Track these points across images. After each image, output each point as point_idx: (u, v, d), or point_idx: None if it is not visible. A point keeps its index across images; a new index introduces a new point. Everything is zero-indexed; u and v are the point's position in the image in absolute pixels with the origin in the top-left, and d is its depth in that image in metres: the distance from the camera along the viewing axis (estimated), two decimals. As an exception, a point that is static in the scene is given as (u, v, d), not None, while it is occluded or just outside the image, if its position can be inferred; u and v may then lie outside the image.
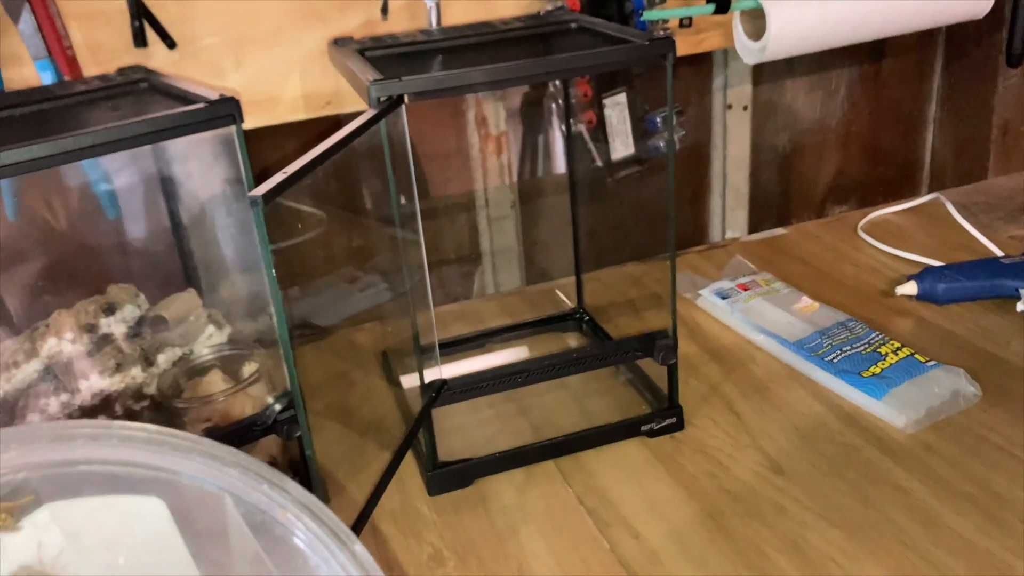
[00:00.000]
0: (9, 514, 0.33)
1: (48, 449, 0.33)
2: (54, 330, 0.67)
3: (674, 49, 0.66)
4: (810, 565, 0.63)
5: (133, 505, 0.35)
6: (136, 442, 0.34)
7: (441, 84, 0.62)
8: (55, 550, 0.34)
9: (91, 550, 0.35)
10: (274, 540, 0.35)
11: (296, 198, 0.97)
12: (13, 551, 0.33)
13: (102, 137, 0.57)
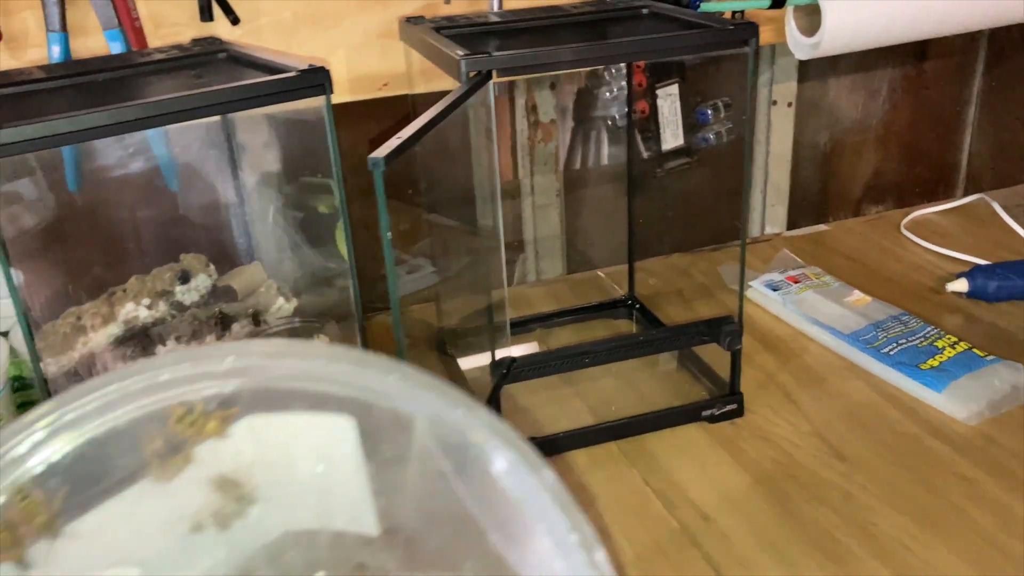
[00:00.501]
0: (221, 422, 0.35)
1: (259, 364, 0.34)
2: (131, 295, 0.67)
3: (757, 34, 0.66)
4: (882, 550, 0.63)
5: (326, 423, 0.36)
6: (342, 362, 0.35)
7: (532, 60, 0.63)
8: (248, 460, 0.36)
9: (279, 463, 0.37)
10: (466, 463, 0.36)
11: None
12: (213, 458, 0.35)
13: (198, 101, 0.57)
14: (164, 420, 0.34)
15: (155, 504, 0.35)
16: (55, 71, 0.69)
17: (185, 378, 0.34)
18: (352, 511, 0.38)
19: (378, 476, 0.37)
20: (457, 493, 0.37)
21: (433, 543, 0.38)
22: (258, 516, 0.36)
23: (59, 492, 0.32)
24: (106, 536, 0.34)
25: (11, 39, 0.81)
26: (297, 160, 0.83)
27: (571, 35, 0.75)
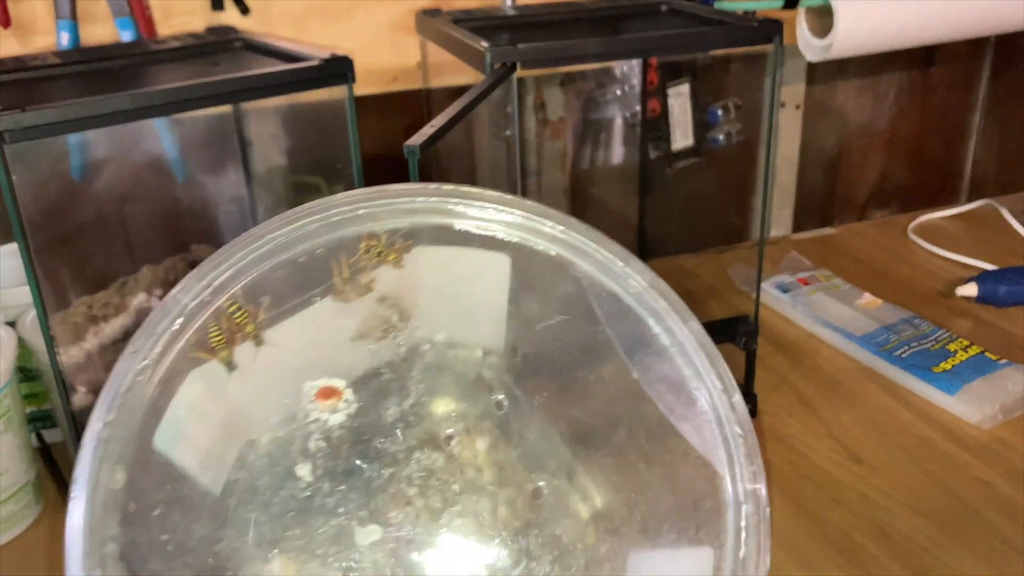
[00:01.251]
0: (399, 253, 0.40)
1: (438, 205, 0.40)
2: (143, 285, 0.66)
3: (782, 31, 0.66)
4: (901, 552, 0.63)
5: (486, 258, 0.41)
6: (513, 209, 0.40)
7: (557, 53, 0.62)
8: (412, 283, 0.41)
9: (437, 286, 0.42)
10: (619, 312, 0.41)
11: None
12: (386, 280, 0.40)
13: (221, 88, 0.57)
14: (354, 248, 0.39)
15: (333, 318, 0.40)
16: (71, 57, 0.69)
17: (374, 214, 0.39)
18: (488, 331, 0.42)
19: (518, 306, 0.42)
20: (607, 333, 0.41)
21: (556, 365, 0.43)
22: (409, 329, 0.41)
23: (263, 306, 0.37)
24: (294, 344, 0.39)
25: (19, 26, 0.80)
26: (308, 152, 0.82)
27: (590, 30, 0.75)
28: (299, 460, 0.38)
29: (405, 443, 0.40)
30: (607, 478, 0.42)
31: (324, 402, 0.39)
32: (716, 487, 0.42)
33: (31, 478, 0.68)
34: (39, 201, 0.62)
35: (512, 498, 0.40)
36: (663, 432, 0.42)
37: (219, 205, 0.79)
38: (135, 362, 0.34)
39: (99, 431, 0.33)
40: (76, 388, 0.63)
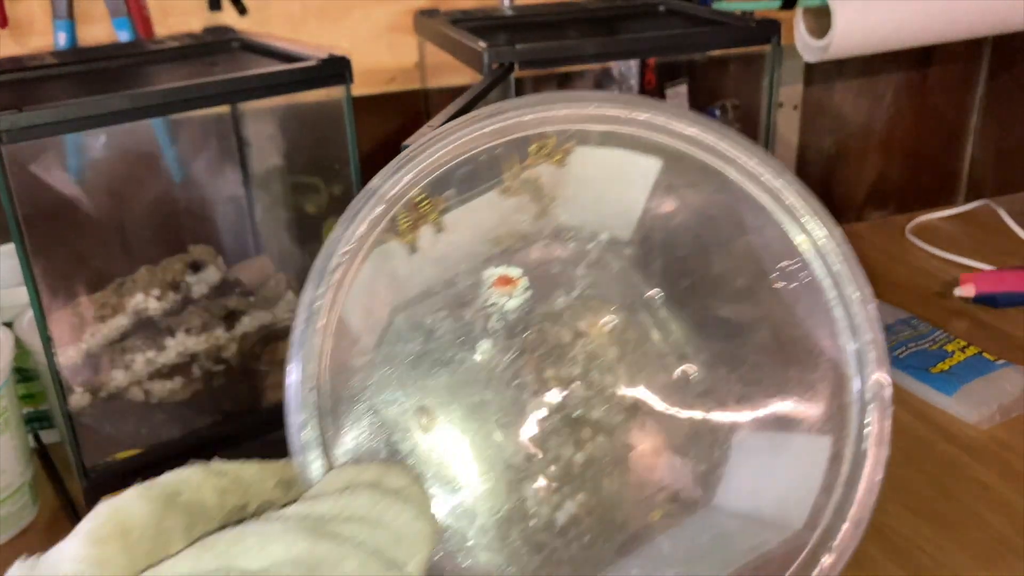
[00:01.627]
0: (566, 153, 0.42)
1: (605, 111, 0.42)
2: (141, 286, 0.66)
3: (780, 31, 0.66)
4: (898, 552, 0.63)
5: (636, 160, 0.44)
6: (666, 114, 0.42)
7: (555, 53, 0.62)
8: (567, 182, 0.44)
9: (587, 184, 0.44)
10: (766, 222, 0.44)
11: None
12: (546, 177, 0.43)
13: (218, 88, 0.57)
14: (525, 147, 0.41)
15: (494, 208, 0.43)
16: (68, 57, 0.68)
17: (547, 117, 0.41)
18: (622, 220, 0.46)
19: (655, 202, 0.45)
20: (748, 240, 0.44)
21: (695, 266, 0.46)
22: (554, 216, 0.45)
23: (444, 196, 0.40)
24: (471, 233, 0.43)
25: (16, 26, 0.80)
26: (306, 153, 0.82)
27: (588, 30, 0.75)
28: (480, 338, 0.43)
29: (571, 330, 0.44)
30: (736, 368, 0.46)
31: (502, 288, 0.43)
32: (843, 387, 0.44)
33: (28, 479, 0.67)
34: (36, 201, 0.62)
35: (663, 382, 0.46)
36: (795, 334, 0.45)
37: (217, 205, 0.79)
38: (339, 244, 0.37)
39: (310, 303, 0.36)
40: (73, 389, 0.63)
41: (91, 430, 0.63)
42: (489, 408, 0.43)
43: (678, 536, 0.45)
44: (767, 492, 0.45)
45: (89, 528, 0.31)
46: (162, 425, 0.66)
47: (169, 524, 0.32)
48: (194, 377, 0.68)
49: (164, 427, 0.66)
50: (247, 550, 0.30)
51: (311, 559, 0.30)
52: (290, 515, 0.32)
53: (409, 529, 0.32)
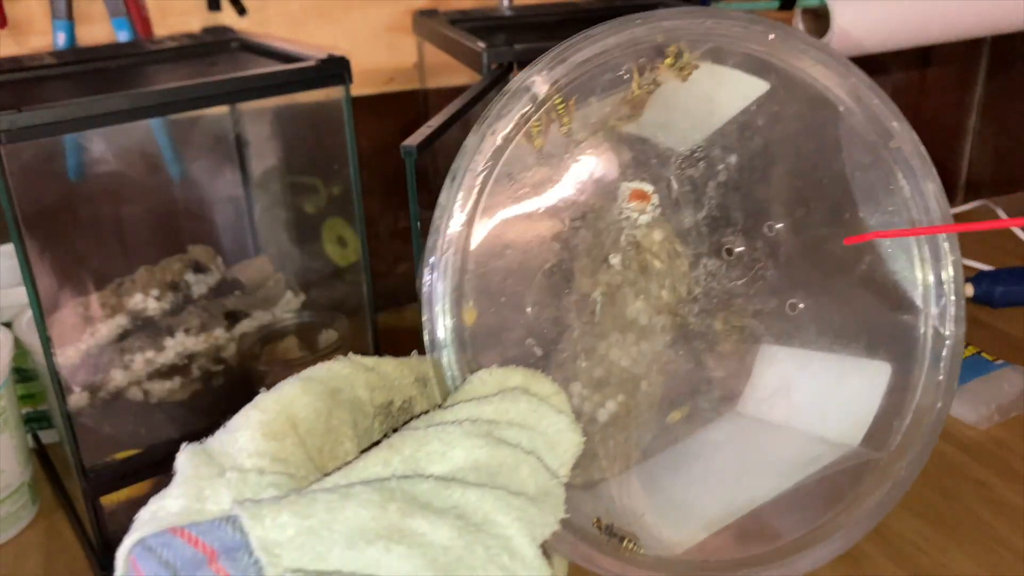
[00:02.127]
0: (691, 69, 0.41)
1: (730, 31, 0.42)
2: (140, 286, 0.66)
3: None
4: (896, 552, 0.63)
5: (748, 80, 0.44)
6: (791, 39, 0.42)
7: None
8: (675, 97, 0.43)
9: (691, 95, 0.44)
10: (870, 161, 0.45)
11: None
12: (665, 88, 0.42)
13: (217, 88, 0.57)
14: (656, 58, 0.41)
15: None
16: (67, 57, 0.68)
17: (675, 30, 0.41)
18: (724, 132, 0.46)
19: (755, 117, 0.45)
20: (847, 173, 0.45)
21: (784, 168, 0.47)
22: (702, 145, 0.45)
23: (572, 99, 0.39)
24: (604, 145, 0.43)
25: (15, 26, 0.80)
26: (305, 153, 0.82)
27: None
28: (611, 251, 0.43)
29: (695, 249, 0.45)
30: (827, 299, 0.47)
31: (636, 203, 0.43)
32: (916, 322, 0.45)
33: (27, 479, 0.67)
34: (35, 201, 0.62)
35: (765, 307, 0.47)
36: (875, 268, 0.46)
37: (216, 205, 0.79)
38: (486, 137, 0.37)
39: (449, 199, 0.36)
40: (72, 389, 0.63)
41: (90, 430, 0.63)
42: (618, 321, 0.44)
43: (734, 443, 0.46)
44: (826, 412, 0.46)
45: (262, 420, 0.30)
46: (161, 425, 0.66)
47: (336, 421, 0.32)
48: (193, 377, 0.68)
49: (163, 427, 0.66)
50: (431, 454, 0.29)
51: (491, 465, 0.30)
52: (462, 418, 0.31)
53: (561, 438, 0.32)
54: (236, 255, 0.77)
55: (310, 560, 0.25)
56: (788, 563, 0.42)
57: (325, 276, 0.78)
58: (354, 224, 0.67)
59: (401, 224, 1.04)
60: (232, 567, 0.25)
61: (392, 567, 0.26)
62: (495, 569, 0.27)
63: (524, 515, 0.29)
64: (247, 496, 0.28)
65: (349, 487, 0.27)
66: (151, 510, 0.28)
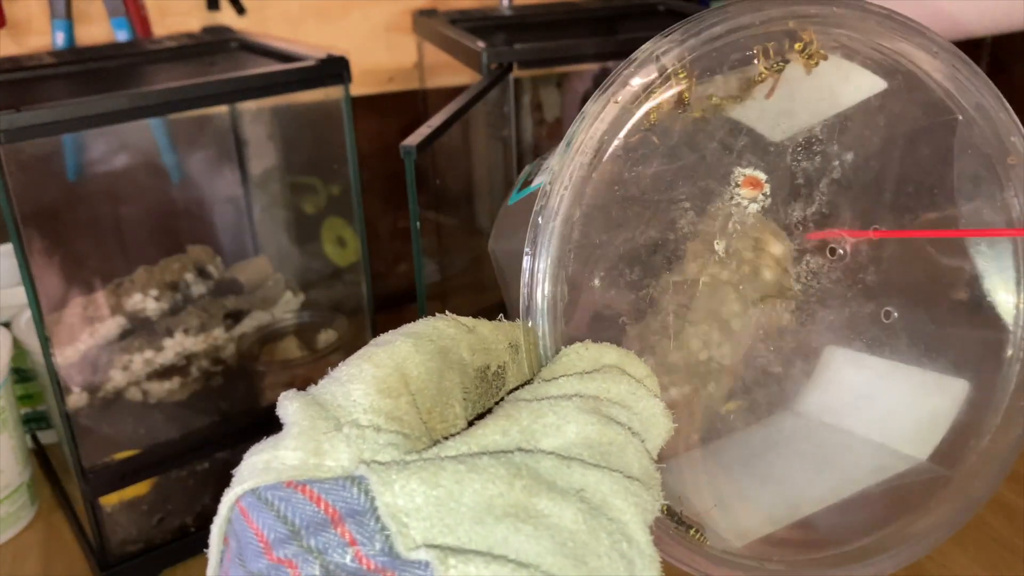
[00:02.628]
0: (819, 59, 0.40)
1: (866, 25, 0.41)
2: (139, 286, 0.65)
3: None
4: (897, 553, 0.63)
5: (864, 77, 0.43)
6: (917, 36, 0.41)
7: (553, 53, 0.62)
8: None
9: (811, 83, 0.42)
10: (980, 175, 0.44)
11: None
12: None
13: (216, 88, 0.56)
14: (788, 43, 0.40)
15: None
16: (66, 57, 0.68)
17: (835, 18, 0.40)
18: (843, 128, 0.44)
19: (875, 116, 0.44)
20: (951, 177, 0.44)
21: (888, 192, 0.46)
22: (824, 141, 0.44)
23: (695, 75, 0.37)
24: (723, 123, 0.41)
25: (14, 25, 0.80)
26: (304, 153, 0.82)
27: (586, 30, 0.75)
28: (718, 236, 0.42)
29: (800, 246, 0.44)
30: (922, 312, 0.46)
31: (749, 190, 0.42)
32: (1005, 343, 0.44)
33: (26, 479, 0.67)
34: (34, 201, 0.62)
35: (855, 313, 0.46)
36: (973, 286, 0.45)
37: (215, 205, 0.79)
38: (608, 104, 0.36)
39: (557, 166, 0.35)
40: (71, 389, 0.63)
41: (89, 430, 0.63)
42: (725, 306, 0.43)
43: (798, 443, 0.45)
44: (897, 423, 0.46)
45: (376, 376, 0.29)
46: (160, 425, 0.66)
47: (448, 383, 0.31)
48: (192, 377, 0.68)
49: (162, 427, 0.65)
50: (547, 427, 0.28)
51: (601, 442, 0.29)
52: (569, 392, 0.30)
53: (655, 422, 0.32)
54: (235, 255, 0.77)
55: (439, 533, 0.24)
56: (851, 568, 0.41)
57: (324, 276, 0.78)
58: (354, 224, 0.67)
59: (401, 224, 1.04)
60: (358, 532, 0.24)
61: (521, 548, 0.24)
62: (617, 556, 0.26)
63: (639, 500, 0.28)
64: (367, 455, 0.26)
65: (475, 458, 0.26)
66: (264, 459, 0.27)
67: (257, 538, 0.25)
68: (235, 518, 0.26)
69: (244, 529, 0.25)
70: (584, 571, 0.25)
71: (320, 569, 0.24)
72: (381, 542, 0.24)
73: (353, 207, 0.65)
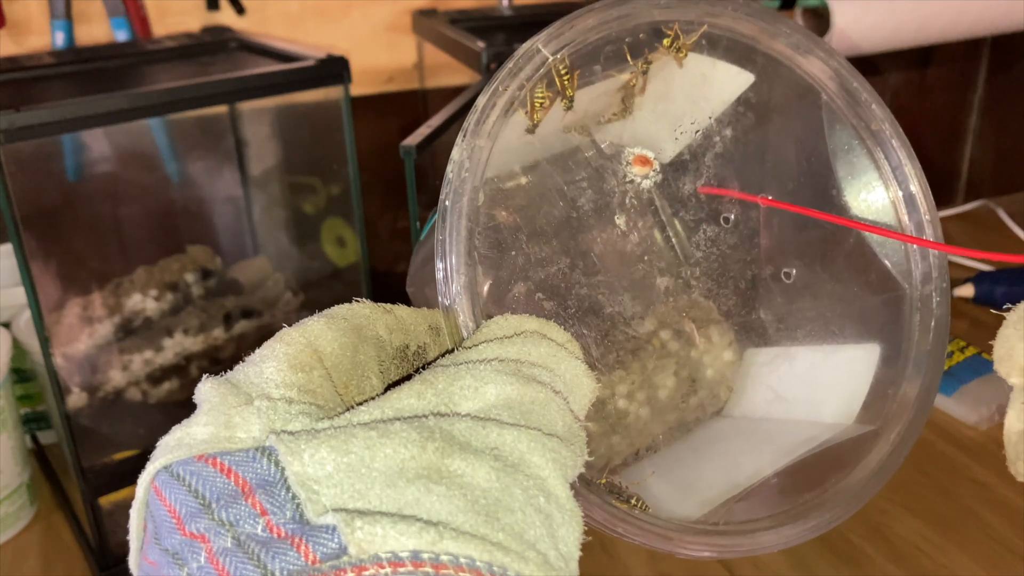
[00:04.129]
0: (685, 53, 0.42)
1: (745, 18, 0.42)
2: (138, 286, 0.65)
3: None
4: (898, 553, 0.63)
5: (731, 71, 0.44)
6: (770, 21, 0.42)
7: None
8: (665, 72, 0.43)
9: (683, 80, 0.44)
10: (849, 145, 0.46)
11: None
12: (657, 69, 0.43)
13: (215, 88, 0.56)
14: (656, 40, 0.41)
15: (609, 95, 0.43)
16: (66, 57, 0.68)
17: (676, 13, 0.41)
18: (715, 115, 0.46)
19: (747, 92, 0.46)
20: (828, 156, 0.46)
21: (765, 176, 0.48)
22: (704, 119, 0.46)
23: (576, 72, 0.39)
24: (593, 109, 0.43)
25: (13, 25, 0.80)
26: (304, 153, 0.82)
27: (586, 31, 0.75)
28: (617, 212, 0.44)
29: (695, 215, 0.46)
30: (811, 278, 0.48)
31: (640, 168, 0.44)
32: (905, 293, 0.46)
33: (25, 480, 0.67)
34: (34, 201, 0.62)
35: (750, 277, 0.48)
36: (856, 251, 0.47)
37: (214, 206, 0.79)
38: (495, 95, 0.37)
39: (462, 153, 0.36)
40: (71, 389, 0.63)
41: (89, 431, 0.63)
42: (622, 280, 0.45)
43: (728, 438, 0.46)
44: (818, 400, 0.47)
45: (288, 352, 0.29)
46: (160, 426, 0.65)
47: (363, 357, 0.31)
48: (192, 378, 0.68)
49: (162, 428, 0.65)
50: (464, 389, 0.29)
51: (522, 402, 0.29)
52: (488, 356, 0.31)
53: (579, 382, 0.32)
54: (235, 255, 0.77)
55: (350, 498, 0.24)
56: (794, 526, 0.42)
57: (324, 276, 0.78)
58: (353, 224, 0.67)
59: (401, 224, 1.03)
60: (269, 502, 0.24)
61: (432, 507, 0.25)
62: (532, 511, 0.26)
63: (558, 456, 0.28)
64: (278, 426, 0.27)
65: (387, 423, 0.27)
66: (176, 436, 0.27)
67: (170, 514, 0.25)
68: (151, 499, 0.26)
69: (158, 507, 0.26)
70: (497, 526, 0.25)
71: (232, 541, 0.24)
72: (292, 510, 0.24)
73: (353, 207, 0.65)
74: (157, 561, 0.25)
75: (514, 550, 0.25)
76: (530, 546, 0.25)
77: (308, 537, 0.24)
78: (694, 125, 0.46)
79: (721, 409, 0.47)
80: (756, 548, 0.40)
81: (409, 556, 0.23)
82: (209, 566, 0.23)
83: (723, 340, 0.47)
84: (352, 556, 0.23)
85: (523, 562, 0.25)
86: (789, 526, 0.41)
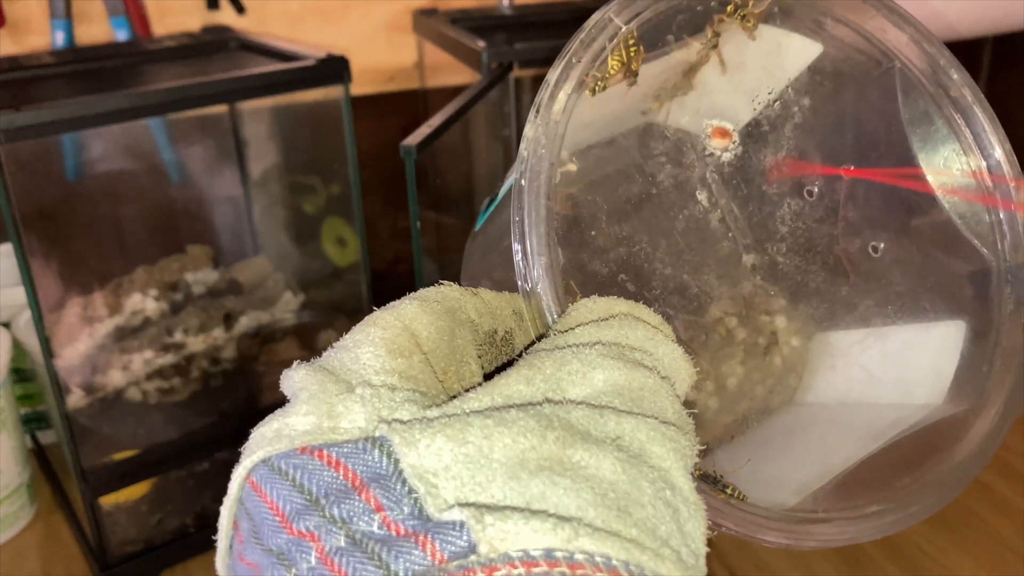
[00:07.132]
0: (756, 25, 0.40)
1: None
2: (138, 286, 0.65)
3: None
4: (901, 555, 0.63)
5: (799, 40, 0.43)
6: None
7: (553, 53, 0.62)
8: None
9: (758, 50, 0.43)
10: (926, 117, 0.44)
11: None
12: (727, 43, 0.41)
13: (216, 88, 0.56)
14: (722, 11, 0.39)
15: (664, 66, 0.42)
16: (66, 56, 0.68)
17: None
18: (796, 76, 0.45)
19: (822, 61, 0.44)
20: (904, 130, 0.44)
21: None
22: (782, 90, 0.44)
23: (641, 48, 0.38)
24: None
25: (13, 25, 0.79)
26: (304, 153, 0.82)
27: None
28: (698, 187, 0.43)
29: (778, 189, 0.45)
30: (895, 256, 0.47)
31: (719, 140, 0.43)
32: (988, 273, 0.44)
33: (25, 480, 0.67)
34: (34, 201, 0.62)
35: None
36: (941, 223, 0.45)
37: (214, 205, 0.79)
38: (568, 66, 0.35)
39: (536, 134, 0.35)
40: (71, 389, 0.63)
41: (88, 431, 0.63)
42: (708, 259, 0.44)
43: (811, 426, 0.45)
44: (904, 380, 0.45)
45: (384, 337, 0.27)
46: (160, 426, 0.65)
47: (460, 342, 0.29)
48: (192, 378, 0.68)
49: (162, 428, 0.65)
50: (572, 374, 0.27)
51: (631, 388, 0.27)
52: (587, 340, 0.29)
53: (678, 366, 0.30)
54: (235, 255, 0.77)
55: (471, 492, 0.22)
56: (895, 511, 0.41)
57: (324, 276, 0.78)
58: (353, 224, 0.67)
59: (401, 224, 1.03)
60: (384, 497, 0.22)
61: (560, 502, 0.23)
62: (662, 505, 0.24)
63: (678, 445, 0.26)
64: (383, 414, 0.24)
65: (502, 411, 0.25)
66: (274, 428, 0.25)
67: (273, 512, 0.23)
68: (246, 495, 0.24)
69: (257, 505, 0.24)
70: (629, 522, 0.23)
71: (346, 540, 0.22)
72: (410, 505, 0.22)
73: (353, 207, 0.65)
74: (258, 562, 0.23)
75: (649, 547, 0.23)
76: (664, 543, 0.24)
77: (433, 534, 0.22)
78: (771, 95, 0.44)
79: (792, 397, 0.46)
80: (860, 535, 0.38)
81: (542, 555, 0.21)
82: (322, 566, 0.22)
83: (790, 327, 0.46)
84: (481, 555, 0.21)
85: (659, 560, 0.23)
86: (891, 512, 0.39)
